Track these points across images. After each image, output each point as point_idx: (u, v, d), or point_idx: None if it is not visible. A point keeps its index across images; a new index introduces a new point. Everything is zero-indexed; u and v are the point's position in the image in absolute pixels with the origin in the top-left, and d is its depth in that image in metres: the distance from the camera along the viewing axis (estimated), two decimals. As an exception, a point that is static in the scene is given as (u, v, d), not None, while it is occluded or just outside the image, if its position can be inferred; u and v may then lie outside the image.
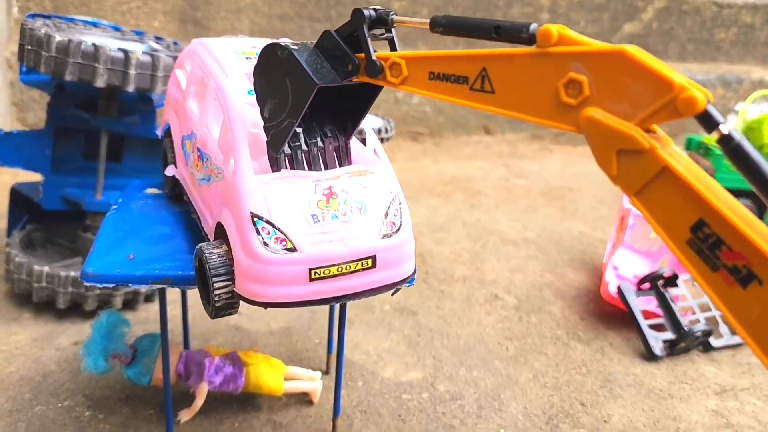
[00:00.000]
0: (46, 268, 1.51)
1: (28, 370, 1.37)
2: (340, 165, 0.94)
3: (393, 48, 0.84)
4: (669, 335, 1.65)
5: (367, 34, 0.79)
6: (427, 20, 0.76)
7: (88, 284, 0.96)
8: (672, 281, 1.74)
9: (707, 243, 0.55)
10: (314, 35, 3.31)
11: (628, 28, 3.69)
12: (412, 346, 1.59)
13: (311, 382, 1.33)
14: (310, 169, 0.91)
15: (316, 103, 0.83)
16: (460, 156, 3.29)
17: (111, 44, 1.40)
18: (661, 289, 1.72)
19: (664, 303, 1.69)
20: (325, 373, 1.45)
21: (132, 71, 1.39)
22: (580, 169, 3.26)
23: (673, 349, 1.63)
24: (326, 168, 0.92)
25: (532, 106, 0.66)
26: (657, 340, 1.63)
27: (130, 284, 0.97)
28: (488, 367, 1.53)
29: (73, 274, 1.51)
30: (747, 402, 1.49)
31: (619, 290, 1.71)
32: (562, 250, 2.24)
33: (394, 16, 0.81)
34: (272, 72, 0.83)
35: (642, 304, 1.72)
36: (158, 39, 1.69)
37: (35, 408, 1.27)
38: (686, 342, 1.62)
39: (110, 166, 1.67)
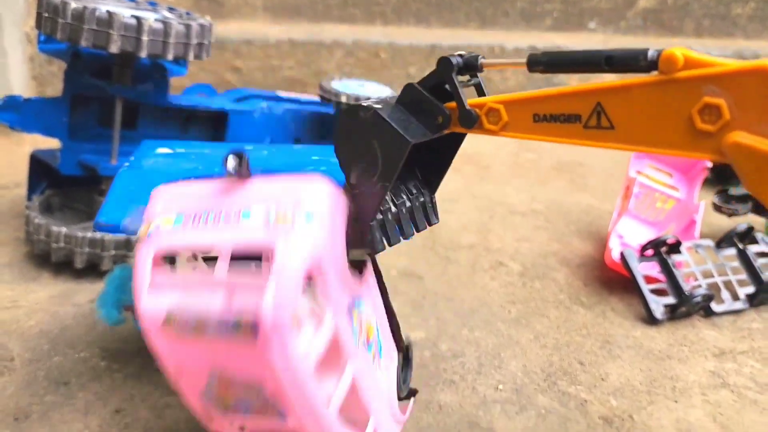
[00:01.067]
0: (64, 229, 1.57)
1: (47, 324, 1.44)
2: (429, 223, 0.90)
3: (481, 93, 0.80)
4: (670, 300, 1.67)
5: (458, 84, 0.75)
6: (523, 60, 0.72)
7: (100, 233, 1.01)
8: (675, 248, 1.76)
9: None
10: (327, 11, 3.35)
11: (642, 3, 3.67)
12: (417, 308, 1.64)
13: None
14: (401, 231, 0.87)
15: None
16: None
17: (124, 12, 1.44)
18: (664, 256, 1.74)
19: (667, 269, 1.72)
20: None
21: (144, 38, 1.44)
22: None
23: (674, 313, 1.66)
24: (417, 230, 0.88)
25: (662, 138, 0.61)
26: (658, 304, 1.65)
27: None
28: (490, 328, 1.57)
29: (89, 235, 1.56)
30: (745, 364, 1.51)
31: (622, 256, 1.74)
32: (569, 221, 2.27)
33: (483, 60, 0.77)
34: (356, 135, 0.78)
35: (644, 269, 1.75)
36: (171, 9, 1.73)
37: (53, 358, 1.33)
38: (687, 306, 1.65)
39: (125, 133, 1.72)
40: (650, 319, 1.65)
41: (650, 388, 1.40)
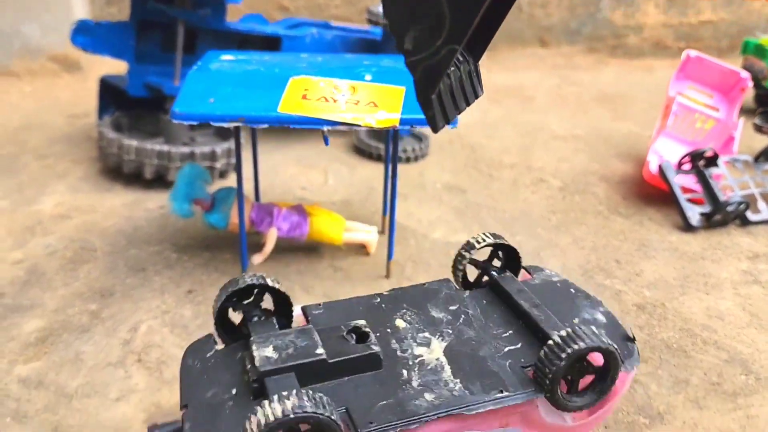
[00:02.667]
0: (134, 142, 1.71)
1: (122, 225, 1.58)
2: (474, 93, 0.76)
3: None
4: (706, 208, 1.73)
5: None
6: None
7: (176, 122, 1.12)
8: (713, 161, 1.81)
9: None
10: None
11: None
12: (460, 216, 1.73)
13: (368, 234, 1.49)
14: (454, 104, 0.72)
15: None
16: (513, 67, 3.35)
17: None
18: (701, 168, 1.79)
19: (703, 180, 1.77)
20: (380, 233, 1.60)
21: (204, -41, 1.54)
22: (635, 79, 3.27)
23: (709, 221, 1.71)
24: (467, 102, 0.73)
25: None
26: (694, 212, 1.71)
27: (211, 122, 1.13)
28: (531, 233, 1.66)
29: (158, 147, 1.69)
30: (778, 265, 1.57)
31: (660, 168, 1.80)
32: (610, 145, 2.32)
33: None
34: None
35: (681, 181, 1.81)
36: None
37: (130, 251, 1.47)
38: (722, 214, 1.70)
39: (185, 57, 1.83)
40: (686, 226, 1.71)
41: (683, 283, 1.48)
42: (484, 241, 0.96)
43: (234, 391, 0.73)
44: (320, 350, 0.75)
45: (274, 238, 1.42)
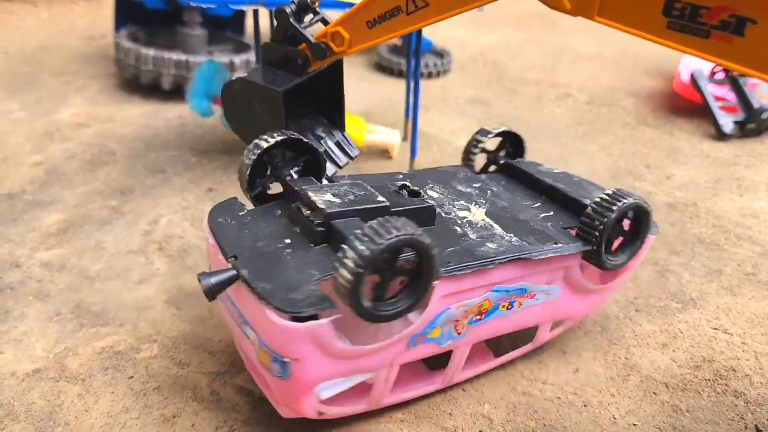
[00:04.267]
0: (152, 52, 1.67)
1: (141, 132, 1.56)
2: (349, 157, 0.95)
3: (326, 24, 0.82)
4: (740, 117, 1.67)
5: (299, 27, 0.80)
6: None
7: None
8: (747, 70, 1.74)
9: (685, 16, 0.55)
10: None
11: None
12: (484, 126, 1.69)
13: (390, 136, 1.46)
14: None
15: (294, 116, 0.87)
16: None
17: None
18: (736, 77, 1.73)
19: (737, 87, 1.71)
20: (403, 140, 1.57)
21: None
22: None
23: (743, 129, 1.66)
24: (339, 165, 0.92)
25: None
26: (727, 120, 1.66)
27: (229, 5, 1.10)
28: (556, 142, 1.62)
29: (175, 57, 1.66)
30: (814, 171, 1.52)
31: (692, 77, 1.73)
32: (638, 65, 2.25)
33: None
34: (239, 107, 0.86)
35: (714, 90, 1.74)
36: None
37: (149, 154, 1.45)
38: (756, 122, 1.65)
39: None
40: (719, 135, 1.65)
41: (715, 186, 1.43)
42: (496, 129, 0.99)
43: (288, 241, 0.71)
44: (381, 198, 0.73)
45: (294, 139, 1.39)
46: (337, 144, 0.93)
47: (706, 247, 1.20)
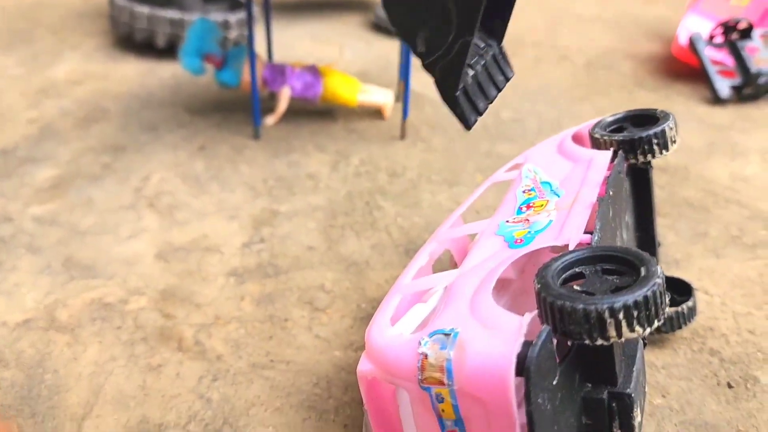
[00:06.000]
0: (146, 9, 1.67)
1: (135, 90, 1.56)
2: (504, 76, 0.74)
3: None
4: (737, 81, 1.66)
5: None
6: None
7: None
8: (747, 34, 1.73)
9: None
10: None
11: None
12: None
13: (384, 95, 1.45)
14: (483, 94, 0.69)
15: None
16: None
17: None
18: (734, 41, 1.71)
19: (735, 51, 1.69)
20: (396, 100, 1.57)
21: None
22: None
23: (740, 94, 1.65)
24: (498, 89, 0.71)
25: None
26: (724, 84, 1.65)
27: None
28: (553, 104, 1.61)
29: (170, 14, 1.65)
30: (809, 136, 1.51)
31: (690, 40, 1.72)
32: (638, 27, 2.22)
33: None
34: None
35: (712, 54, 1.73)
36: None
37: (143, 112, 1.46)
38: (754, 87, 1.63)
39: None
40: (715, 99, 1.64)
41: (708, 150, 1.43)
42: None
43: None
44: None
45: (287, 98, 1.39)
46: (494, 59, 0.71)
47: (694, 210, 1.20)
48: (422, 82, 1.67)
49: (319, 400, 0.77)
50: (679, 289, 0.92)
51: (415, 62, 1.72)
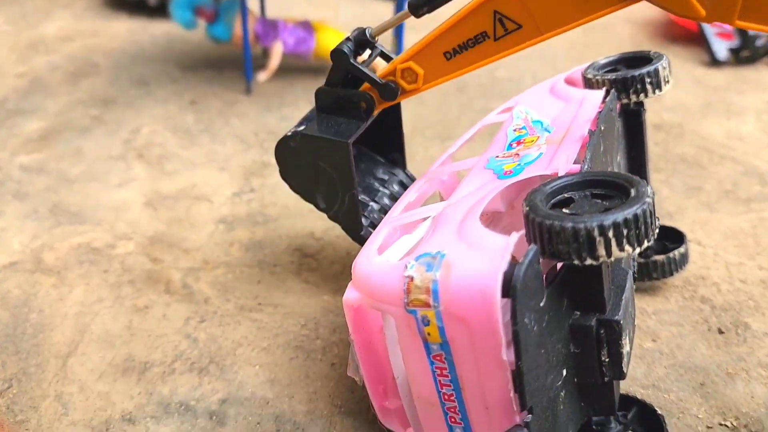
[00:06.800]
0: (136, -35, 1.64)
1: (126, 47, 1.55)
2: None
3: (388, 59, 0.73)
4: (735, 44, 1.64)
5: (361, 67, 0.70)
6: (405, 11, 0.68)
7: None
8: (746, -4, 1.71)
9: None
10: None
11: None
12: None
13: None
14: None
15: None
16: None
17: None
18: (733, 3, 1.69)
19: (734, 13, 1.67)
20: (391, 59, 1.55)
21: None
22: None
23: (737, 56, 1.63)
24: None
25: (573, 6, 0.59)
26: (721, 46, 1.63)
27: None
28: (549, 65, 1.60)
29: (160, -29, 1.63)
30: (806, 98, 1.50)
31: (689, 2, 1.70)
32: (637, -6, 2.20)
33: (371, 31, 0.72)
34: (299, 165, 0.76)
35: (711, 16, 1.71)
36: None
37: (133, 68, 1.44)
38: (751, 49, 1.62)
39: None
40: (712, 61, 1.63)
41: (704, 109, 1.42)
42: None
43: None
44: None
45: (279, 53, 1.37)
46: (401, 185, 0.84)
47: (689, 165, 1.19)
48: (415, 40, 1.65)
49: (306, 341, 0.76)
50: (671, 237, 0.92)
51: (408, 22, 1.71)
